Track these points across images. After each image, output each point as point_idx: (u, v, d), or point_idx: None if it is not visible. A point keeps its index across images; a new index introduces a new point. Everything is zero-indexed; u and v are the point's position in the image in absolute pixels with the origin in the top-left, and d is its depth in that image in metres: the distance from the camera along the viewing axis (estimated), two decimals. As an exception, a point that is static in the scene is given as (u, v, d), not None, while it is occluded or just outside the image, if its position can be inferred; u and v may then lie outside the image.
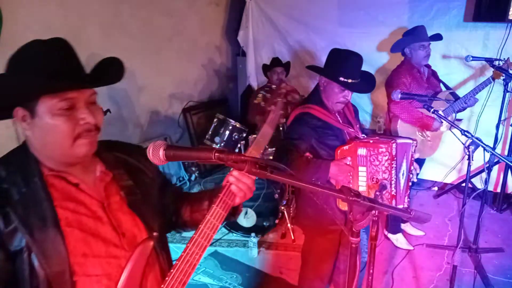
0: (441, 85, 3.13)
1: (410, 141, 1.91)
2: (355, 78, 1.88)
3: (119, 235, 0.98)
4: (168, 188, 1.25)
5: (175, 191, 1.28)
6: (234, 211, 1.11)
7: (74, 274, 0.89)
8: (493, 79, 3.01)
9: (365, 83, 1.95)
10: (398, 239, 3.16)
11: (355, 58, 1.89)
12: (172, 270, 0.91)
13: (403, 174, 1.87)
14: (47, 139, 0.91)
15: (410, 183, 1.96)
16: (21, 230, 0.86)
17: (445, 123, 2.89)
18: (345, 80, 1.85)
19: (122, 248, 0.97)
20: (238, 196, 1.03)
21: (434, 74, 3.14)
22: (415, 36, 2.91)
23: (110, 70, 1.00)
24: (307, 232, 2.17)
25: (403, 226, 3.28)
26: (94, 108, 0.95)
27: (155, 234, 1.03)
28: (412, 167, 1.93)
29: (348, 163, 1.83)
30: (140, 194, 1.06)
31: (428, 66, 3.06)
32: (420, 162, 3.07)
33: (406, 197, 1.92)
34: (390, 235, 3.20)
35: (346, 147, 1.84)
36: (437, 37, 2.97)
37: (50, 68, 0.89)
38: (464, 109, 3.03)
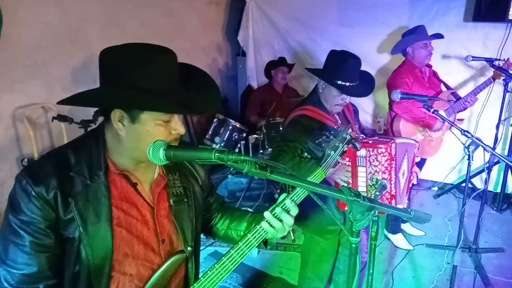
0: (442, 85, 3.13)
1: (411, 141, 1.91)
2: (354, 81, 1.87)
3: (159, 241, 1.04)
4: (213, 195, 1.30)
5: (219, 201, 1.33)
6: (264, 243, 1.17)
7: (112, 270, 0.96)
8: (494, 79, 3.01)
9: (364, 85, 1.94)
10: (398, 239, 3.16)
11: (353, 61, 1.87)
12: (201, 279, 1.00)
13: (403, 174, 1.87)
14: (141, 142, 0.94)
15: (410, 184, 1.95)
16: (77, 222, 0.92)
17: (446, 123, 2.89)
18: (343, 83, 1.84)
19: (158, 254, 1.04)
20: (270, 234, 1.09)
21: (435, 74, 3.13)
22: (417, 35, 2.90)
23: (213, 98, 1.06)
24: (306, 232, 2.17)
25: (403, 226, 3.28)
26: (182, 118, 1.03)
27: (189, 249, 1.08)
28: (413, 168, 1.93)
29: (346, 163, 1.83)
30: (186, 204, 1.10)
31: (429, 66, 3.05)
32: (421, 162, 3.07)
33: (406, 197, 1.92)
34: (390, 235, 3.20)
35: None
36: (439, 35, 2.96)
37: (169, 84, 0.95)
38: (465, 109, 3.03)
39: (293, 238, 3.26)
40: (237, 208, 1.34)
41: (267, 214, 1.07)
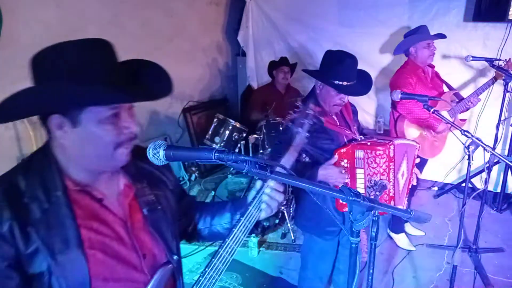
0: (444, 85, 3.11)
1: (411, 142, 1.90)
2: (351, 80, 1.86)
3: (140, 257, 0.93)
4: (185, 197, 1.22)
5: (191, 201, 1.25)
6: (257, 225, 1.11)
7: None
8: (495, 80, 3.01)
9: (362, 84, 1.92)
10: (400, 239, 3.15)
11: (350, 60, 1.85)
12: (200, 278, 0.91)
13: (402, 175, 1.87)
14: (87, 148, 0.85)
15: (410, 185, 1.95)
16: (43, 252, 0.80)
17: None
18: (341, 83, 1.83)
19: (141, 272, 0.94)
20: (265, 212, 1.05)
21: (437, 74, 3.11)
22: (420, 35, 2.88)
23: (162, 83, 0.96)
24: (306, 232, 2.17)
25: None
26: (133, 114, 0.91)
27: (175, 257, 1.00)
28: (413, 169, 1.93)
29: (345, 165, 1.83)
30: (161, 210, 1.01)
31: (432, 66, 3.03)
32: (423, 162, 3.06)
33: (406, 198, 1.92)
34: (392, 234, 3.20)
35: (343, 150, 1.83)
36: (441, 35, 2.94)
37: (100, 74, 0.83)
38: (467, 109, 3.02)
39: (293, 238, 3.26)
40: (213, 202, 1.31)
41: (264, 196, 1.04)
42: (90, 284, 0.84)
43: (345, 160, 1.82)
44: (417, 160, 1.98)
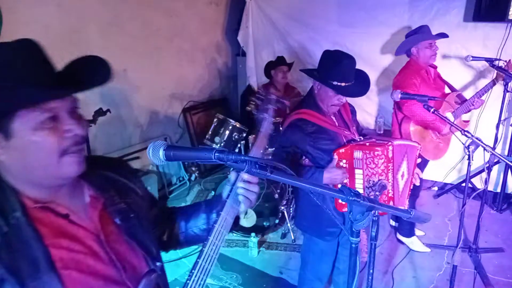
0: (446, 86, 3.09)
1: (412, 143, 1.90)
2: (349, 81, 1.85)
3: (119, 270, 0.86)
4: (156, 205, 1.16)
5: (162, 207, 1.18)
6: (237, 220, 1.07)
7: None
8: (496, 81, 3.00)
9: (360, 84, 1.91)
10: (413, 242, 3.12)
11: (348, 61, 1.85)
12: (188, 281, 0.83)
13: (402, 176, 1.86)
14: (28, 160, 0.77)
15: (412, 186, 1.95)
16: (9, 281, 0.70)
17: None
18: (339, 84, 1.83)
19: (124, 285, 0.86)
20: (244, 205, 1.01)
21: (439, 75, 3.09)
22: (422, 34, 2.85)
23: (94, 70, 0.87)
24: (306, 233, 2.17)
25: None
26: (78, 116, 0.82)
27: (158, 264, 0.94)
28: (411, 167, 1.92)
29: (344, 166, 1.83)
30: (135, 218, 0.94)
31: (434, 67, 3.00)
32: (424, 163, 3.05)
33: (407, 200, 1.91)
34: (404, 239, 3.17)
35: (342, 150, 1.83)
36: (443, 34, 2.92)
37: (23, 75, 0.75)
38: (469, 111, 3.00)
39: (293, 238, 3.27)
40: (187, 206, 1.22)
41: (240, 189, 0.98)
42: None
43: (344, 161, 1.83)
44: (418, 160, 1.98)
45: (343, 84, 1.83)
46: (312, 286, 2.19)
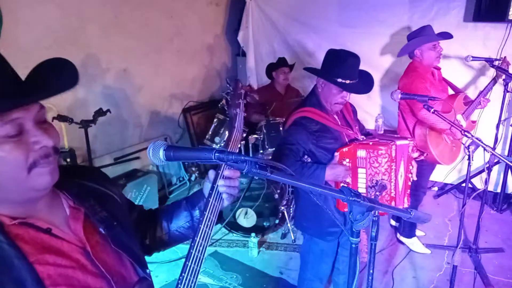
0: (449, 87, 3.06)
1: (407, 142, 1.91)
2: (353, 79, 1.87)
3: (109, 282, 0.82)
4: (135, 209, 1.12)
5: (141, 211, 1.15)
6: (221, 215, 1.03)
7: None
8: (498, 78, 3.00)
9: (363, 83, 1.94)
10: (413, 243, 3.11)
11: (352, 59, 1.87)
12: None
13: (401, 176, 1.87)
14: None
15: (409, 183, 1.95)
16: None
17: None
18: (343, 81, 1.84)
19: None
20: (228, 201, 0.99)
21: (443, 77, 3.03)
22: (426, 37, 2.77)
23: (59, 74, 0.80)
24: (306, 233, 2.17)
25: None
26: (47, 127, 0.75)
27: (148, 271, 0.91)
28: (410, 166, 1.93)
29: (347, 164, 1.83)
30: (118, 225, 0.90)
31: (438, 68, 2.95)
32: (432, 167, 3.03)
33: (406, 198, 1.92)
34: (404, 239, 3.16)
35: (345, 149, 1.83)
36: (447, 35, 2.85)
37: None
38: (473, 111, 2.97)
39: (293, 238, 3.27)
40: (167, 205, 1.18)
41: (221, 187, 0.95)
42: None
43: (347, 160, 1.83)
44: (415, 155, 1.97)
45: (347, 81, 1.85)
46: (312, 287, 2.18)
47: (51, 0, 2.95)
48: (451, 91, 3.05)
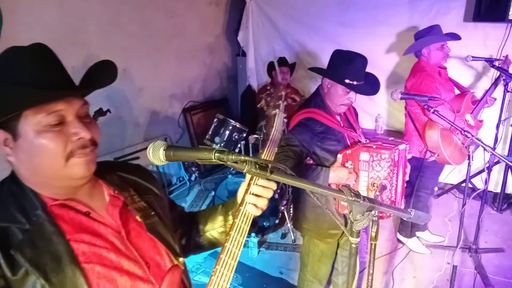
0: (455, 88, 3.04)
1: (405, 146, 1.91)
2: (360, 80, 1.85)
3: (143, 266, 0.86)
4: (176, 207, 1.17)
5: (181, 211, 1.19)
6: (254, 224, 1.07)
7: None
8: (502, 76, 2.98)
9: (370, 85, 1.92)
10: (413, 243, 3.11)
11: (360, 60, 1.85)
12: None
13: (400, 180, 1.87)
14: (34, 162, 0.78)
15: (405, 184, 1.95)
16: (34, 274, 0.73)
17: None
18: (351, 82, 1.82)
19: (148, 282, 0.85)
20: (253, 213, 0.98)
21: (449, 76, 3.01)
22: (435, 36, 2.75)
23: (101, 73, 0.87)
24: (306, 235, 2.16)
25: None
26: (88, 121, 0.82)
27: (181, 259, 0.94)
28: (407, 169, 1.93)
29: (349, 167, 1.82)
30: (156, 216, 0.95)
31: (444, 68, 2.92)
32: (441, 167, 3.02)
33: (403, 200, 1.92)
34: (404, 239, 3.15)
35: (348, 151, 1.82)
36: (455, 36, 2.83)
37: (32, 77, 0.76)
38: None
39: (293, 238, 3.26)
40: (204, 209, 1.22)
41: (249, 197, 0.94)
42: None
43: (350, 162, 1.82)
44: (409, 156, 1.97)
45: (355, 82, 1.83)
46: (311, 288, 2.18)
47: (51, 0, 2.95)
48: (457, 91, 3.03)
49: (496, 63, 3.00)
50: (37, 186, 0.81)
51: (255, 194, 0.94)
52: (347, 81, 1.82)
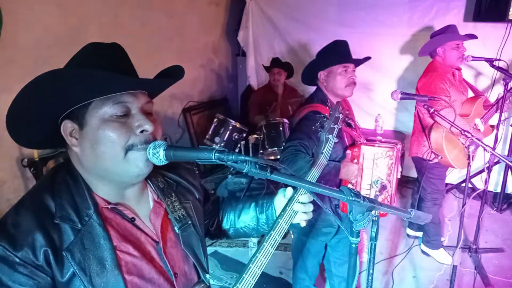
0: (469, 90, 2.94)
1: (400, 145, 1.92)
2: (349, 58, 1.96)
3: (170, 278, 0.87)
4: (209, 199, 1.20)
5: (215, 201, 1.24)
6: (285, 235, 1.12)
7: None
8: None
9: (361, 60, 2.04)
10: (441, 255, 2.94)
11: (341, 42, 1.97)
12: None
13: (394, 178, 1.89)
14: (98, 151, 0.79)
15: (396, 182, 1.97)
16: (79, 277, 0.74)
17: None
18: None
19: None
20: (303, 223, 1.06)
21: (463, 78, 2.94)
22: (450, 34, 2.68)
23: (171, 73, 0.93)
24: (297, 233, 2.17)
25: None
26: (152, 118, 0.85)
27: (208, 276, 0.95)
28: (400, 168, 1.94)
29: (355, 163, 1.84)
30: (191, 225, 0.96)
31: (458, 69, 2.84)
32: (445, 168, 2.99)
33: (396, 198, 1.93)
34: (431, 251, 2.99)
35: (355, 149, 1.84)
36: (472, 36, 2.77)
37: (111, 66, 0.81)
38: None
39: (292, 238, 3.26)
40: (237, 202, 1.25)
41: (299, 206, 1.01)
42: None
43: (355, 160, 1.83)
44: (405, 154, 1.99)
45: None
46: (304, 285, 2.19)
47: (51, 0, 2.95)
48: (471, 93, 2.98)
49: (496, 63, 2.99)
50: (96, 179, 0.83)
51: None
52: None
